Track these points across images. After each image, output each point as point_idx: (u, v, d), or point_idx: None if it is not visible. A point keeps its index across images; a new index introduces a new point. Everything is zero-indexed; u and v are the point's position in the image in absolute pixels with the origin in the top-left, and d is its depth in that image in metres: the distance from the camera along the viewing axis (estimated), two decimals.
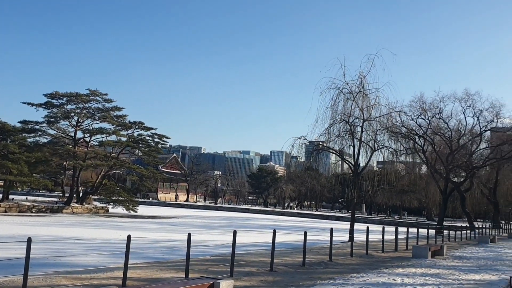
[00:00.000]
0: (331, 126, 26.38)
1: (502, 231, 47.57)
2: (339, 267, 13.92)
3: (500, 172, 52.56)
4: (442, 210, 41.86)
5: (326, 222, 53.69)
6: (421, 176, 54.04)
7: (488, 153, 46.64)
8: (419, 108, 41.15)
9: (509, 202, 70.43)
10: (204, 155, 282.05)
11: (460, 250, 22.48)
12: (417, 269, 14.07)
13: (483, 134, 44.45)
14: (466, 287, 11.39)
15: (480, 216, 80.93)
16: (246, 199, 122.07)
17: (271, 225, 39.53)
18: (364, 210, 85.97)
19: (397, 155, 30.54)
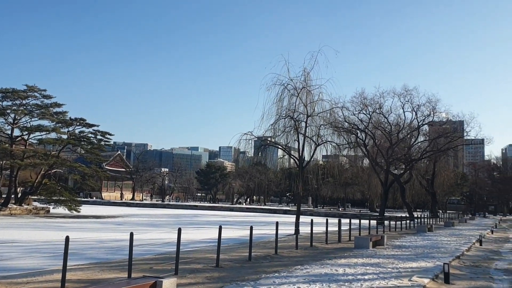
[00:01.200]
0: (276, 122, 26.78)
1: (439, 220, 50.22)
2: (284, 260, 14.17)
3: (437, 164, 55.51)
4: (383, 201, 43.57)
5: (274, 216, 54.34)
6: (363, 169, 55.90)
7: (426, 146, 49.04)
8: (360, 103, 42.60)
9: (446, 193, 74.59)
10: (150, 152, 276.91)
11: (400, 240, 23.49)
12: (359, 259, 14.59)
13: (421, 128, 46.69)
14: (404, 274, 11.92)
15: (420, 206, 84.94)
16: (195, 196, 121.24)
17: (219, 221, 39.53)
18: (310, 203, 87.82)
19: (340, 149, 31.54)
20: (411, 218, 42.14)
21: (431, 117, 45.40)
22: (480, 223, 48.74)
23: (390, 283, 10.57)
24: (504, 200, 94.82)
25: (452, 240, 24.45)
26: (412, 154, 47.36)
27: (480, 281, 12.23)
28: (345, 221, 25.29)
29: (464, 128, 52.79)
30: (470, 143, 64.88)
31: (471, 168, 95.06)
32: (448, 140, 48.08)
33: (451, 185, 68.42)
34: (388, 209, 70.77)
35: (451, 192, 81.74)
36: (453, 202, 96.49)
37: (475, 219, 61.22)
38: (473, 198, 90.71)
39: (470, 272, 13.84)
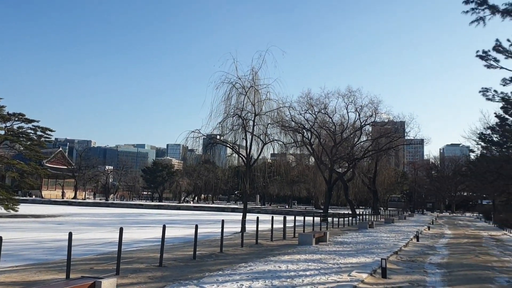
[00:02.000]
0: (224, 120, 26.76)
1: (380, 217, 52.13)
2: (229, 258, 14.24)
3: (378, 163, 57.72)
4: (327, 199, 44.68)
5: (222, 214, 54.35)
6: (309, 167, 57.17)
7: (368, 146, 50.82)
8: (306, 103, 43.49)
9: (387, 190, 77.61)
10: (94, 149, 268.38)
11: (342, 236, 24.22)
12: (302, 256, 14.93)
13: (364, 128, 48.36)
14: (344, 270, 12.33)
15: (362, 204, 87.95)
16: (140, 194, 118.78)
17: (166, 220, 39.05)
18: (258, 201, 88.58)
19: (287, 147, 32.04)
20: (353, 215, 43.52)
21: (373, 117, 47.20)
22: (418, 220, 51.07)
23: (330, 278, 10.91)
24: (441, 197, 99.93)
25: (391, 236, 25.49)
26: (355, 153, 48.91)
27: (415, 275, 12.85)
28: (291, 218, 25.76)
29: (405, 129, 55.27)
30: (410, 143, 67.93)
31: (411, 167, 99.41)
32: (389, 140, 50.07)
33: (392, 183, 71.32)
34: (332, 206, 72.67)
35: (392, 190, 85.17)
36: (394, 200, 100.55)
37: (414, 216, 64.09)
38: (413, 196, 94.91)
39: (406, 266, 14.51)
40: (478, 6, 21.04)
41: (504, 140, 44.49)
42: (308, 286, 9.92)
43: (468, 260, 16.80)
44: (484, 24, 21.62)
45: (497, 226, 44.96)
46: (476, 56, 27.94)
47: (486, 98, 33.17)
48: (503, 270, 14.69)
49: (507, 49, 27.02)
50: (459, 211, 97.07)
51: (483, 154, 52.10)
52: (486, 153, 50.76)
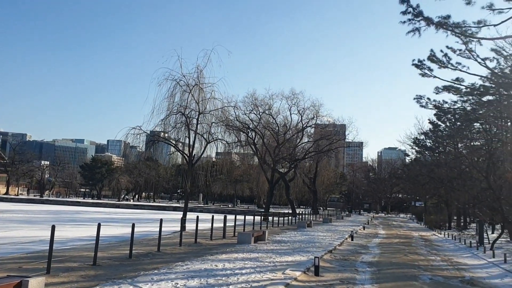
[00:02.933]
0: (167, 117, 26.46)
1: (319, 216, 53.60)
2: (167, 257, 14.16)
3: (319, 164, 59.29)
4: (269, 198, 45.29)
5: (163, 213, 53.60)
6: (253, 167, 57.64)
7: (309, 147, 52.04)
8: (251, 103, 43.87)
9: (326, 191, 79.81)
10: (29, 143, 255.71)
11: (281, 235, 24.70)
12: (239, 254, 15.12)
13: (306, 129, 49.46)
14: (279, 268, 12.64)
15: (303, 203, 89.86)
16: (78, 191, 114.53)
17: (103, 218, 38.05)
18: (201, 200, 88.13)
19: (230, 147, 32.20)
20: (293, 214, 44.40)
21: (315, 120, 48.42)
22: (355, 220, 53.00)
23: (265, 276, 11.17)
24: (377, 198, 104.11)
25: (328, 235, 26.32)
26: (297, 154, 49.91)
27: (346, 273, 13.41)
28: (233, 217, 25.92)
29: (345, 132, 57.18)
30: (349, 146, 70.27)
31: (350, 168, 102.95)
32: (329, 142, 51.56)
33: (331, 184, 73.49)
34: (274, 206, 73.78)
35: (331, 191, 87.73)
36: (333, 200, 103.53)
37: (351, 216, 66.40)
38: (351, 197, 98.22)
39: (339, 265, 15.09)
40: (414, 17, 22.11)
41: (436, 145, 47.18)
42: (243, 284, 10.10)
43: (397, 259, 17.72)
44: (419, 35, 22.74)
45: (427, 227, 47.53)
46: (412, 65, 29.52)
47: (420, 105, 34.94)
48: (427, 268, 15.64)
49: (440, 59, 28.66)
50: (394, 212, 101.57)
51: (417, 158, 54.97)
52: (420, 157, 53.59)
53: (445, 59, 28.51)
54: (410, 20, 22.17)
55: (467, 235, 33.18)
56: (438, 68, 28.76)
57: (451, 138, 39.79)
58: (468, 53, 27.82)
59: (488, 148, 32.17)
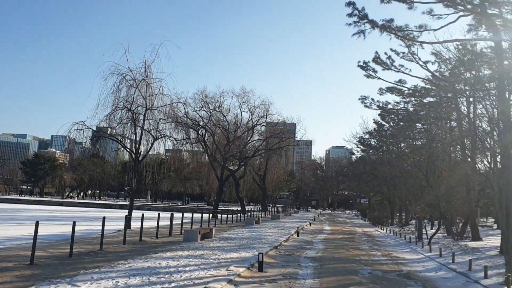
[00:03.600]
0: (112, 113, 25.81)
1: (268, 213, 54.13)
2: (109, 256, 13.85)
3: (269, 162, 59.85)
4: (218, 196, 45.34)
5: (109, 211, 52.31)
6: (203, 164, 57.43)
7: (259, 145, 52.46)
8: (201, 100, 43.67)
9: (276, 188, 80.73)
10: None
11: (229, 232, 24.77)
12: (184, 252, 15.04)
13: (256, 127, 49.81)
14: (223, 264, 12.70)
15: (253, 201, 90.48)
16: (19, 188, 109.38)
17: (45, 216, 36.60)
18: (149, 198, 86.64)
19: (182, 144, 31.94)
20: (243, 211, 44.66)
21: (265, 118, 48.88)
22: (302, 216, 54.00)
23: (209, 273, 11.19)
24: (324, 196, 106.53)
25: (275, 232, 26.67)
26: (247, 152, 50.19)
27: (289, 268, 13.67)
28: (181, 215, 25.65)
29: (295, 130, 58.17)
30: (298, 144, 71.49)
31: (299, 166, 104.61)
32: (279, 140, 52.22)
33: (280, 181, 74.42)
34: (225, 203, 73.85)
35: (280, 188, 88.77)
36: (282, 197, 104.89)
37: (299, 213, 67.61)
38: (299, 194, 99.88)
39: (283, 260, 15.36)
40: (360, 20, 22.81)
41: (380, 145, 48.94)
42: (186, 281, 10.08)
43: (339, 254, 18.26)
44: (364, 37, 23.50)
45: (371, 223, 49.20)
46: (357, 66, 30.48)
47: (364, 106, 36.23)
48: (368, 263, 16.23)
49: (384, 61, 29.77)
50: (340, 208, 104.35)
51: (362, 156, 56.79)
52: (365, 156, 55.41)
53: (389, 61, 29.69)
54: (356, 22, 22.87)
55: (407, 231, 34.64)
56: (382, 70, 29.85)
57: (394, 138, 41.41)
58: (410, 56, 29.08)
59: (429, 147, 33.78)
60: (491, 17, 21.89)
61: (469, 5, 21.54)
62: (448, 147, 31.71)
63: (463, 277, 13.50)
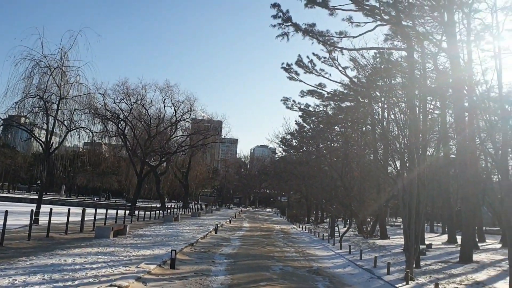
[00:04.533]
0: (23, 100, 24.14)
1: (189, 210, 53.66)
2: (10, 252, 12.93)
3: (193, 158, 59.28)
4: (137, 192, 44.05)
5: (18, 205, 48.72)
6: (123, 159, 55.52)
7: (182, 141, 51.78)
8: (122, 92, 42.10)
9: (198, 185, 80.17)
10: None
11: (145, 229, 24.17)
12: (94, 249, 14.44)
13: (180, 123, 49.01)
14: (134, 262, 12.36)
15: (175, 198, 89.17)
16: None
17: None
18: (63, 192, 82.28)
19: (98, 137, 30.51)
20: (163, 208, 43.85)
21: (189, 114, 48.30)
22: (223, 214, 54.20)
23: (117, 270, 10.83)
24: (247, 193, 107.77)
25: (193, 229, 26.49)
26: (170, 148, 49.31)
27: (203, 265, 13.63)
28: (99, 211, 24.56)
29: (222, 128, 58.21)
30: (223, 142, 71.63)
31: (223, 164, 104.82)
32: (203, 137, 51.87)
33: (204, 178, 73.99)
34: (145, 200, 72.05)
35: (203, 185, 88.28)
36: (205, 195, 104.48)
37: (221, 210, 67.82)
38: (222, 191, 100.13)
39: (197, 257, 15.28)
40: (284, 22, 23.37)
41: (301, 145, 50.40)
42: (91, 279, 9.68)
43: (254, 251, 18.53)
44: (287, 39, 24.10)
45: (288, 220, 50.55)
46: (281, 68, 31.18)
47: (286, 107, 37.22)
48: (281, 259, 16.63)
49: (306, 65, 30.72)
50: (261, 206, 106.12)
51: (283, 156, 58.16)
52: (286, 155, 56.80)
53: (311, 65, 30.68)
54: (280, 24, 23.41)
55: (322, 228, 35.99)
56: (304, 73, 30.79)
57: (314, 139, 42.85)
58: (331, 61, 30.24)
59: (345, 150, 35.38)
60: (405, 29, 23.41)
61: (386, 16, 22.85)
62: (363, 150, 33.42)
63: (368, 273, 14.25)
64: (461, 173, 22.01)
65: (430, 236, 33.62)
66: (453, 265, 16.56)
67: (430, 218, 49.29)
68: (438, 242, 26.99)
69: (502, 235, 27.28)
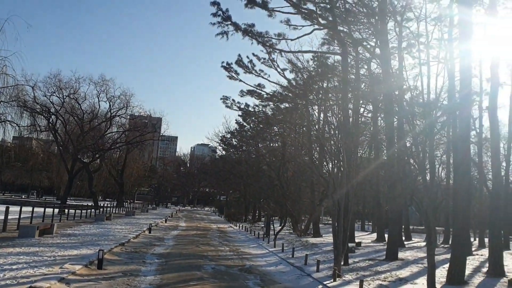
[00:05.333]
0: None
1: (123, 209, 52.22)
2: None
3: (128, 156, 57.71)
4: (67, 189, 42.29)
5: None
6: (54, 155, 53.07)
7: (117, 137, 50.25)
8: (54, 85, 40.14)
9: (135, 183, 78.25)
10: None
11: (74, 228, 23.21)
12: (16, 249, 13.66)
13: (115, 119, 47.54)
14: (58, 262, 11.82)
15: (110, 196, 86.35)
16: None
17: None
18: None
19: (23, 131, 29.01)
20: (95, 207, 42.38)
21: (125, 109, 46.96)
22: (160, 213, 53.25)
23: (39, 271, 10.32)
24: (186, 192, 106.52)
25: (126, 228, 25.80)
26: (105, 144, 47.73)
27: (132, 265, 13.30)
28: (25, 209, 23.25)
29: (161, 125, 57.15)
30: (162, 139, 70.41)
31: (161, 162, 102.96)
32: (140, 133, 50.66)
33: (140, 176, 72.27)
34: (78, 198, 69.19)
35: (140, 184, 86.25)
36: (142, 193, 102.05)
37: (157, 209, 66.62)
38: (160, 190, 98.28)
39: (127, 257, 14.89)
40: (224, 21, 23.31)
41: (241, 144, 50.59)
42: (8, 280, 9.16)
43: (188, 250, 18.36)
44: (227, 38, 24.04)
45: (226, 219, 50.61)
46: (221, 67, 31.14)
47: (225, 106, 37.17)
48: (214, 258, 16.60)
49: (246, 65, 30.89)
50: (200, 205, 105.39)
51: (223, 155, 58.12)
52: (225, 155, 56.79)
53: (250, 65, 30.89)
54: (220, 23, 23.32)
55: (258, 227, 36.36)
56: (244, 72, 30.94)
57: (254, 139, 43.16)
58: (270, 62, 30.65)
59: (282, 150, 35.95)
60: (340, 34, 24.18)
61: (323, 20, 23.48)
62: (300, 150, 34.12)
63: (299, 271, 14.57)
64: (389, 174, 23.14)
65: (361, 234, 34.96)
66: (380, 262, 17.32)
67: (362, 217, 51.33)
68: (368, 241, 28.12)
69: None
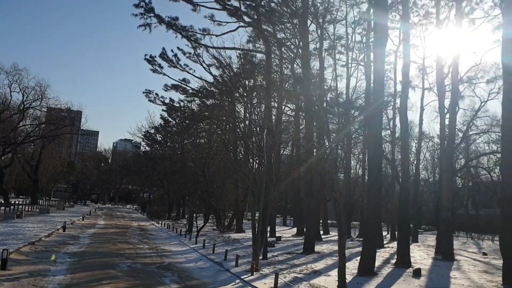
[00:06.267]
0: None
1: (37, 207, 49.18)
2: None
3: (44, 151, 54.42)
4: None
5: None
6: None
7: (31, 131, 47.22)
8: None
9: (51, 180, 74.11)
10: None
11: None
12: None
13: (29, 111, 44.63)
14: None
15: (23, 193, 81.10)
16: None
17: None
18: None
19: None
20: (6, 204, 39.65)
21: (40, 101, 44.25)
22: (77, 210, 50.78)
23: None
24: (106, 189, 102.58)
25: (38, 226, 24.36)
26: (16, 137, 44.64)
27: (41, 265, 12.57)
28: None
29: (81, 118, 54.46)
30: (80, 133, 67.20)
31: (80, 157, 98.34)
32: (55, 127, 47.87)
33: (57, 172, 68.54)
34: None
35: (57, 180, 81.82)
36: (60, 190, 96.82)
37: (75, 207, 63.54)
38: (78, 187, 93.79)
39: (36, 257, 14.05)
40: (146, 13, 22.73)
41: (166, 140, 49.59)
42: None
43: (104, 249, 17.70)
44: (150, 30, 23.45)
45: (149, 217, 49.45)
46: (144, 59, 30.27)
47: (148, 100, 36.15)
48: (131, 256, 16.13)
49: (171, 59, 30.32)
50: (122, 202, 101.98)
51: (146, 151, 56.68)
52: (149, 150, 55.41)
53: (175, 59, 30.35)
54: (142, 14, 22.73)
55: (181, 224, 35.94)
56: (169, 66, 30.33)
57: (179, 135, 42.48)
58: (196, 57, 30.31)
59: (208, 146, 35.77)
60: (265, 32, 24.54)
61: (248, 18, 23.70)
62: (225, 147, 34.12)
63: (218, 266, 14.58)
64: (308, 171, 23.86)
65: (282, 229, 35.79)
66: (297, 255, 17.83)
67: (284, 212, 52.53)
68: (288, 235, 28.86)
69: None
